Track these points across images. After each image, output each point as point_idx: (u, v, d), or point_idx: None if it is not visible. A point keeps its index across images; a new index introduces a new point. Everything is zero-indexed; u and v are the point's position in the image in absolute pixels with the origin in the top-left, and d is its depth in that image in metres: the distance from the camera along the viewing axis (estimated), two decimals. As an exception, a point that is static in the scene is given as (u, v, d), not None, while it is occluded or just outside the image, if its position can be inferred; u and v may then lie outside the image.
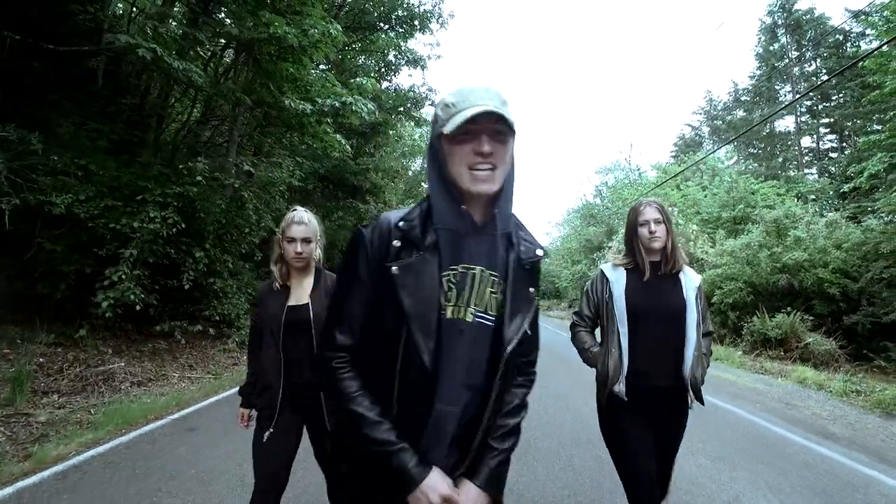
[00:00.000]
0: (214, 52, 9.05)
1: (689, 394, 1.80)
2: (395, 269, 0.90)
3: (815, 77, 23.14)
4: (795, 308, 10.08)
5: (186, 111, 9.85)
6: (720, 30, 67.89)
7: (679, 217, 15.57)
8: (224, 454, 3.36)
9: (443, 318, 0.90)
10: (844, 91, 21.50)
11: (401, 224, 0.94)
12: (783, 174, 22.93)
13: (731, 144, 25.21)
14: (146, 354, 6.54)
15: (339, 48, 10.46)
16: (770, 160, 25.31)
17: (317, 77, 8.60)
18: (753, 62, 28.29)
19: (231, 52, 9.10)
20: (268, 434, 1.78)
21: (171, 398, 5.04)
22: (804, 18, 24.07)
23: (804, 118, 24.68)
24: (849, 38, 21.54)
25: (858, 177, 13.29)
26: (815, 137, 24.53)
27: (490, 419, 0.96)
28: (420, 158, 24.44)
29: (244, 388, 2.01)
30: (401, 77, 15.81)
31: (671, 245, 1.87)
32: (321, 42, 7.47)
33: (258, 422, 1.84)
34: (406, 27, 13.94)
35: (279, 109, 7.97)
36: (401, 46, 14.42)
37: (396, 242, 0.92)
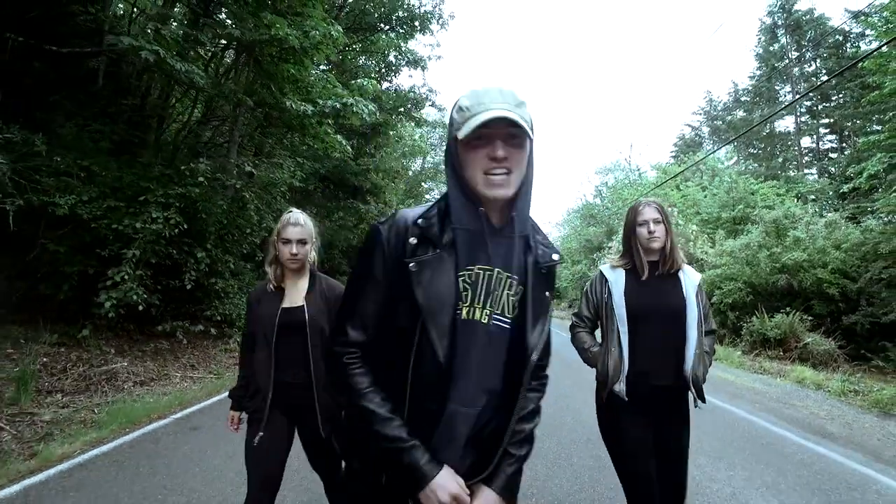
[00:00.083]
0: (215, 53, 9.08)
1: (692, 393, 1.79)
2: (413, 266, 0.89)
3: (815, 77, 23.16)
4: (795, 308, 10.10)
5: (187, 112, 9.87)
6: (718, 32, 67.83)
7: (679, 217, 15.58)
8: (227, 453, 3.40)
9: (459, 319, 0.89)
10: (844, 91, 21.52)
11: (420, 221, 0.93)
12: (783, 174, 22.95)
13: (731, 145, 25.23)
14: (148, 354, 6.58)
15: (340, 49, 10.49)
16: (770, 160, 25.33)
17: (318, 78, 8.63)
18: (753, 62, 28.34)
19: (231, 53, 9.12)
20: (258, 438, 1.77)
21: (174, 398, 5.07)
22: (804, 19, 24.09)
23: (804, 118, 24.70)
24: (848, 39, 21.57)
25: (858, 177, 13.30)
26: (815, 138, 24.56)
27: (512, 429, 0.95)
28: (420, 159, 24.56)
29: (235, 391, 1.98)
30: (401, 78, 15.87)
31: (670, 245, 1.86)
32: (322, 43, 7.50)
33: (249, 424, 1.82)
34: (406, 28, 13.97)
35: (280, 110, 8.00)
36: (401, 47, 14.47)
37: (413, 240, 0.92)
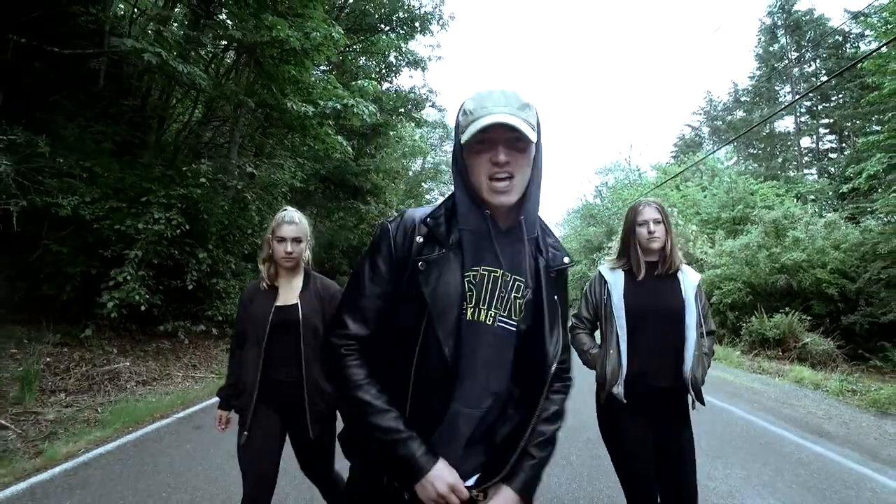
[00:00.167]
0: (215, 54, 9.11)
1: (690, 394, 1.78)
2: (421, 264, 0.89)
3: (815, 78, 23.18)
4: (794, 308, 10.12)
5: (187, 112, 9.90)
6: (719, 32, 67.86)
7: (679, 217, 15.62)
8: (229, 452, 3.38)
9: (464, 320, 0.89)
10: (844, 92, 21.55)
11: (428, 221, 0.93)
12: (783, 174, 22.98)
13: (731, 145, 25.26)
14: (150, 354, 6.61)
15: (341, 50, 10.53)
16: (770, 160, 25.36)
17: (318, 79, 8.66)
18: (753, 63, 28.33)
19: (232, 53, 9.15)
20: (245, 436, 1.75)
21: (176, 397, 5.11)
22: (804, 19, 24.12)
23: (804, 119, 24.72)
24: (848, 39, 21.59)
25: (857, 177, 13.34)
26: (815, 138, 24.57)
27: (533, 430, 0.95)
28: (420, 159, 24.63)
29: (223, 390, 1.96)
30: (401, 78, 15.88)
31: (670, 245, 1.85)
32: (323, 45, 7.54)
33: (240, 424, 1.81)
34: (407, 29, 14.00)
35: (281, 111, 8.04)
36: (401, 48, 14.50)
37: (420, 238, 0.92)
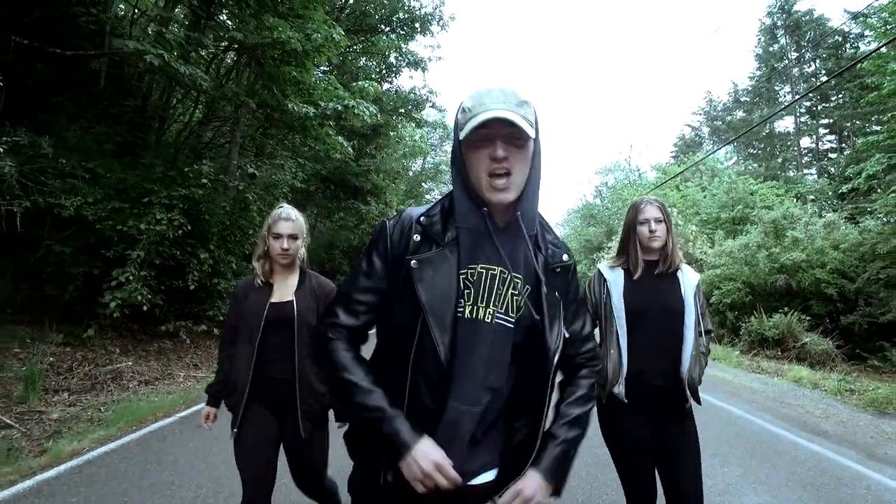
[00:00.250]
0: (216, 54, 9.15)
1: (687, 394, 1.77)
2: (414, 263, 0.90)
3: (815, 78, 23.21)
4: (793, 308, 10.16)
5: (188, 112, 9.94)
6: (718, 33, 67.92)
7: (678, 217, 15.66)
8: (232, 450, 3.46)
9: (460, 317, 0.89)
10: (844, 92, 21.59)
11: (422, 219, 0.94)
12: (783, 175, 23.03)
13: (731, 145, 25.30)
14: (152, 354, 6.66)
15: (341, 51, 10.56)
16: (770, 161, 25.40)
17: (319, 80, 8.70)
18: (753, 63, 28.34)
19: (232, 54, 9.19)
20: (234, 433, 1.76)
21: (179, 396, 5.14)
22: (803, 19, 24.16)
23: (803, 119, 24.75)
24: (848, 40, 21.62)
25: (857, 178, 13.36)
26: (815, 138, 24.60)
27: (557, 413, 0.96)
28: (420, 159, 24.68)
29: (213, 386, 1.93)
30: (402, 79, 15.93)
31: (671, 245, 1.84)
32: (324, 46, 7.58)
33: (231, 422, 1.81)
34: (407, 29, 14.06)
35: (282, 112, 8.08)
36: (401, 48, 14.57)
37: (416, 237, 0.93)
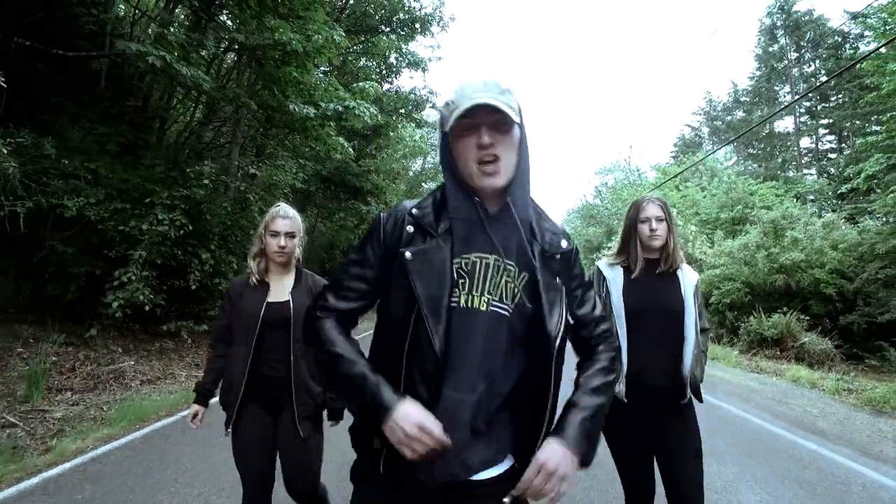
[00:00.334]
0: (216, 55, 9.19)
1: (688, 392, 1.76)
2: (408, 254, 0.91)
3: (814, 78, 23.25)
4: (792, 308, 10.20)
5: (188, 112, 9.97)
6: (718, 33, 68.03)
7: (678, 218, 15.70)
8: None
9: (456, 307, 0.90)
10: (843, 92, 21.62)
11: (414, 211, 0.96)
12: (782, 175, 23.07)
13: (731, 145, 25.33)
14: (154, 353, 6.70)
15: (341, 52, 10.60)
16: (769, 161, 25.46)
17: (320, 81, 8.74)
18: (753, 63, 28.37)
19: (232, 54, 9.22)
20: (227, 433, 1.75)
21: (181, 396, 5.18)
22: (803, 20, 24.19)
23: (803, 119, 24.79)
24: (847, 40, 21.65)
25: (856, 178, 13.39)
26: (814, 138, 24.64)
27: (553, 411, 0.93)
28: (420, 159, 24.69)
29: (204, 385, 1.88)
30: (402, 79, 15.96)
31: (672, 244, 1.82)
32: (325, 47, 7.61)
33: (225, 423, 1.79)
34: (407, 30, 14.09)
35: (283, 113, 8.11)
36: (402, 49, 14.59)
37: (410, 228, 0.94)
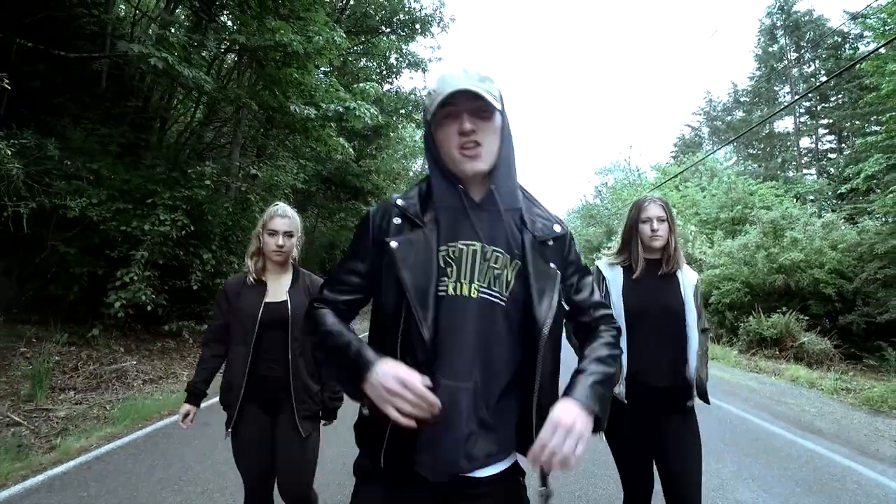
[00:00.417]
0: (216, 55, 9.22)
1: (693, 393, 1.75)
2: (394, 244, 0.92)
3: (814, 78, 23.27)
4: (792, 308, 10.21)
5: (189, 113, 10.00)
6: (718, 33, 68.06)
7: (678, 218, 15.73)
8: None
9: (445, 295, 0.91)
10: (843, 92, 21.63)
11: (399, 202, 0.98)
12: (782, 175, 23.09)
13: (731, 145, 25.35)
14: (155, 353, 6.73)
15: (342, 53, 10.64)
16: (769, 161, 25.48)
17: (320, 82, 8.77)
18: (753, 63, 28.38)
19: (233, 54, 9.25)
20: (228, 433, 1.76)
21: (183, 395, 5.18)
22: (803, 20, 24.21)
23: (803, 119, 24.81)
24: (847, 40, 21.66)
25: (855, 178, 13.41)
26: (814, 138, 24.65)
27: (539, 396, 0.91)
28: (420, 160, 24.76)
29: (196, 385, 1.86)
30: (402, 79, 16.00)
31: (673, 245, 1.81)
32: (325, 48, 7.65)
33: (226, 423, 1.80)
34: (407, 30, 14.13)
35: (283, 114, 8.15)
36: (402, 49, 14.62)
37: (397, 220, 0.96)
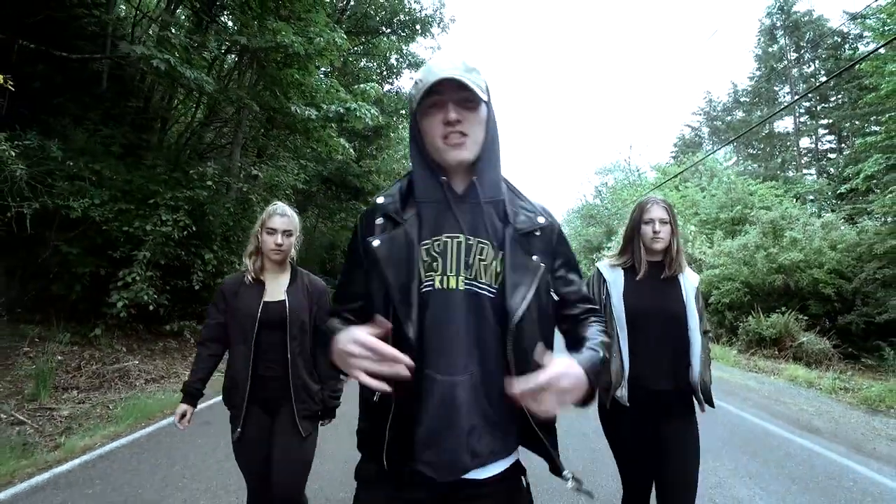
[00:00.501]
0: (217, 56, 9.24)
1: (699, 396, 1.74)
2: (375, 243, 0.93)
3: (814, 78, 23.29)
4: (791, 308, 10.25)
5: (189, 113, 10.03)
6: (718, 33, 68.05)
7: (678, 218, 15.73)
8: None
9: (430, 289, 0.90)
10: (843, 92, 21.65)
11: (380, 201, 0.98)
12: (782, 175, 23.10)
13: (731, 145, 25.38)
14: (157, 353, 6.77)
15: (343, 54, 10.67)
16: (769, 161, 25.50)
17: (321, 83, 8.81)
18: (753, 63, 28.41)
19: (233, 55, 9.27)
20: (238, 433, 1.75)
21: (185, 394, 5.25)
22: (803, 20, 24.24)
23: (803, 119, 24.82)
24: (847, 41, 21.68)
25: (855, 178, 13.44)
26: (814, 138, 24.67)
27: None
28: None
29: (192, 385, 1.83)
30: (403, 80, 16.04)
31: (676, 248, 1.80)
32: (326, 50, 7.68)
33: (232, 422, 1.80)
34: (408, 31, 14.16)
35: (285, 114, 8.18)
36: (402, 50, 14.66)
37: (379, 220, 0.96)
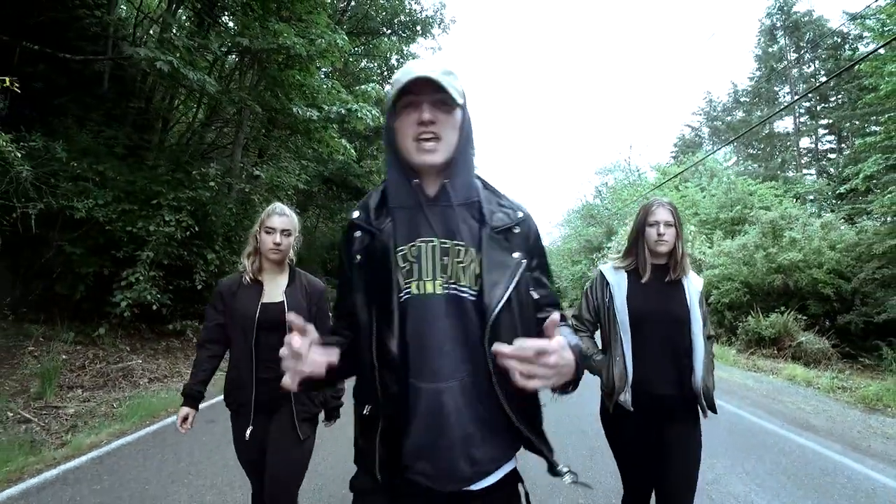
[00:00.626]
0: (218, 56, 9.28)
1: (701, 402, 1.73)
2: (357, 259, 0.94)
3: (814, 78, 23.33)
4: (790, 308, 10.28)
5: (190, 114, 10.08)
6: (718, 34, 67.96)
7: (678, 218, 15.77)
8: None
9: (409, 296, 0.90)
10: (842, 93, 21.68)
11: (354, 216, 0.99)
12: (782, 175, 23.13)
13: (731, 145, 25.41)
14: (160, 352, 6.83)
15: (344, 55, 10.71)
16: (769, 161, 25.52)
17: (323, 84, 8.86)
18: (753, 63, 28.44)
19: (235, 55, 9.30)
20: (249, 431, 1.75)
21: (188, 393, 5.31)
22: (803, 21, 24.27)
23: (803, 119, 24.86)
24: (847, 41, 21.71)
25: (855, 178, 13.46)
26: (814, 138, 24.70)
27: (501, 384, 0.85)
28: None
29: (193, 387, 1.82)
30: (403, 80, 16.06)
31: (680, 251, 1.78)
32: (328, 51, 7.74)
33: (234, 422, 1.80)
34: (408, 32, 14.22)
35: (286, 115, 8.23)
36: (403, 51, 14.70)
37: (357, 233, 0.96)
